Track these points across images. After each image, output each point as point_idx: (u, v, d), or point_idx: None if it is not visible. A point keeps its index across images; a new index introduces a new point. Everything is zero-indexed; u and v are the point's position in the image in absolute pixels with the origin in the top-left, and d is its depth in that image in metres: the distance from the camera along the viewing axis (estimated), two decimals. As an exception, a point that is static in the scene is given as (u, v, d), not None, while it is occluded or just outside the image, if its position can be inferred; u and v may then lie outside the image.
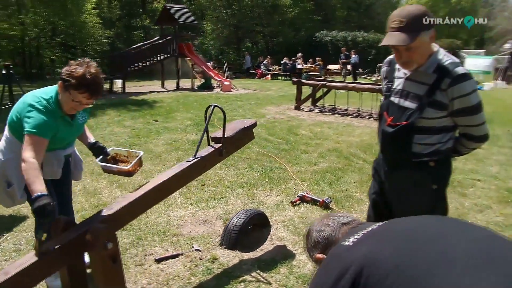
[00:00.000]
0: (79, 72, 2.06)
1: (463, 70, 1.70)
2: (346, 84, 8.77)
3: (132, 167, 2.46)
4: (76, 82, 2.05)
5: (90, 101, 2.18)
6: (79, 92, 2.08)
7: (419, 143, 1.83)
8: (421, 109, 1.78)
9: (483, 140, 1.90)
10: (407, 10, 1.70)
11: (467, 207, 3.84)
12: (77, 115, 2.36)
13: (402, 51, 1.74)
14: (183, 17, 15.63)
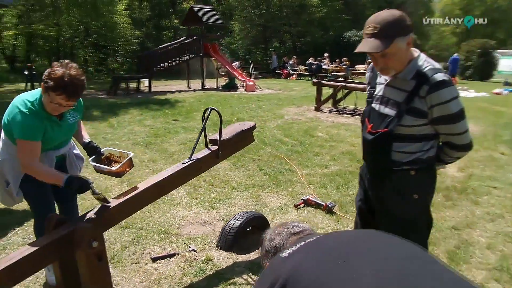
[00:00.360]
0: (58, 74, 2.06)
1: (442, 76, 1.64)
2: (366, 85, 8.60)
3: (120, 168, 2.44)
4: (54, 84, 2.06)
5: (69, 103, 2.17)
6: (57, 94, 2.09)
7: (398, 151, 1.78)
8: (399, 117, 1.73)
9: (466, 149, 1.83)
10: (381, 16, 1.66)
11: (477, 216, 3.70)
12: (67, 115, 2.37)
13: (378, 57, 1.70)
14: (209, 17, 15.80)
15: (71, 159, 2.62)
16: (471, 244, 3.17)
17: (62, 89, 2.07)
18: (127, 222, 3.50)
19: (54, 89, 2.07)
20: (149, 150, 5.91)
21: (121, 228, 3.40)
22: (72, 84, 2.08)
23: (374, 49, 1.63)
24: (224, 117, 8.32)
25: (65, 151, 2.54)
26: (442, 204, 3.94)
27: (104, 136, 6.79)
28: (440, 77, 1.63)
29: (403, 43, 1.65)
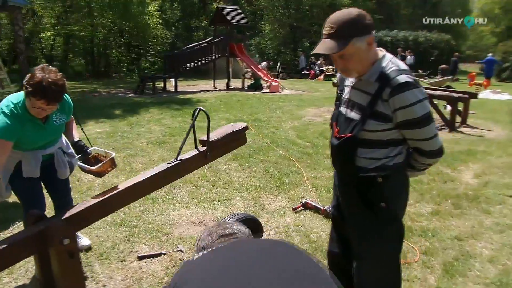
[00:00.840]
0: (37, 79, 2.10)
1: (406, 78, 1.54)
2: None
3: (101, 168, 2.49)
4: (33, 90, 2.10)
5: (50, 107, 2.21)
6: (37, 99, 2.13)
7: (363, 157, 1.69)
8: (363, 121, 1.64)
9: (435, 155, 1.71)
10: (337, 15, 1.58)
11: (485, 226, 3.49)
12: (52, 118, 2.41)
13: (337, 59, 1.62)
14: (235, 18, 15.86)
15: (59, 158, 2.65)
16: (472, 256, 2.99)
17: (42, 94, 2.12)
18: (122, 220, 3.55)
19: (34, 94, 2.13)
20: (161, 149, 5.98)
21: (116, 225, 3.45)
22: (51, 89, 2.12)
23: (329, 50, 1.55)
24: (241, 117, 8.39)
25: (52, 151, 2.58)
26: (449, 213, 3.75)
27: (121, 135, 6.94)
28: (403, 79, 1.53)
29: (362, 44, 1.56)
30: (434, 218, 3.62)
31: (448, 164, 5.23)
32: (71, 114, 2.65)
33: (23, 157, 2.43)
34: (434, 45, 22.40)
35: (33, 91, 2.11)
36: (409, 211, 3.75)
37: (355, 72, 1.66)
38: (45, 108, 2.19)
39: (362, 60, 1.61)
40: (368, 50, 1.59)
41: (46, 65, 2.23)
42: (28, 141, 2.35)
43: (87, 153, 2.61)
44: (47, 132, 2.43)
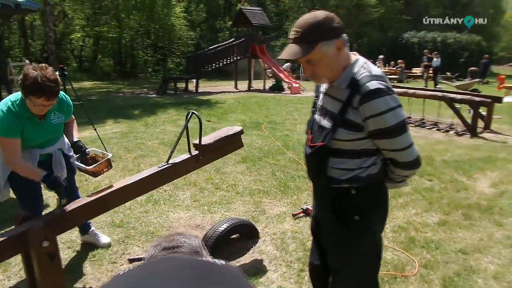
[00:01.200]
0: (31, 79, 2.15)
1: (377, 84, 1.44)
2: (406, 90, 8.10)
3: (96, 168, 2.55)
4: (30, 89, 2.16)
5: (50, 103, 2.27)
6: (37, 97, 2.19)
7: (336, 168, 1.60)
8: (334, 130, 1.56)
9: (411, 167, 1.60)
10: (303, 19, 1.49)
11: (495, 239, 3.30)
12: (50, 116, 2.46)
13: (304, 64, 1.54)
14: (258, 19, 15.86)
15: (57, 158, 2.67)
16: (476, 272, 2.82)
17: (40, 92, 2.17)
18: (121, 221, 3.57)
19: (33, 93, 2.18)
20: (171, 150, 6.00)
21: (114, 226, 3.47)
22: (47, 86, 2.18)
23: (293, 55, 1.47)
24: (257, 119, 8.36)
25: (50, 151, 2.61)
26: (457, 224, 3.57)
27: (135, 135, 7.03)
28: (374, 85, 1.44)
29: (329, 48, 1.47)
30: (440, 229, 3.45)
31: (464, 171, 5.01)
32: (71, 114, 2.69)
33: None
34: (464, 46, 21.65)
35: (31, 91, 2.16)
36: (415, 221, 3.60)
37: (325, 78, 1.58)
38: (46, 104, 2.25)
39: (331, 66, 1.52)
40: (337, 54, 1.51)
41: (36, 64, 2.29)
42: (26, 138, 2.38)
43: (85, 154, 2.66)
44: (44, 130, 2.46)
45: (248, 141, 6.50)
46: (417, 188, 4.43)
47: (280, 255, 3.02)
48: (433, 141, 6.72)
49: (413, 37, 22.97)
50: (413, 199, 4.13)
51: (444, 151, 5.97)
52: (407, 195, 4.22)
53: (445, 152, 5.90)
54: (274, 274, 2.78)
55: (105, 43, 24.31)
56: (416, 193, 4.28)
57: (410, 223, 3.56)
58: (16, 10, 5.26)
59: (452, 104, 7.29)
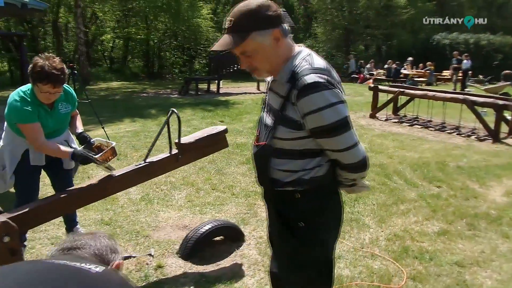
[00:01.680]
0: (39, 66, 2.30)
1: (315, 78, 1.31)
2: (426, 92, 7.76)
3: (102, 157, 2.59)
4: (38, 76, 2.31)
5: (56, 90, 2.40)
6: (43, 84, 2.32)
7: (279, 169, 1.48)
8: (275, 128, 1.44)
9: (356, 169, 1.46)
10: (236, 8, 1.38)
11: (498, 252, 3.05)
12: (58, 106, 2.58)
13: (240, 56, 1.43)
14: (281, 20, 15.71)
15: None
16: (470, 287, 2.61)
17: (47, 79, 2.31)
18: (110, 219, 3.56)
19: (40, 80, 2.32)
20: (177, 150, 5.99)
21: (102, 224, 3.46)
22: (53, 73, 2.31)
23: (223, 46, 1.37)
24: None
25: (59, 141, 2.68)
26: (459, 234, 3.33)
27: (146, 134, 7.07)
28: (311, 79, 1.31)
29: (264, 38, 1.36)
30: (439, 239, 3.23)
31: (478, 178, 4.71)
32: (76, 106, 2.80)
33: (30, 145, 2.55)
34: (497, 48, 20.66)
35: (38, 78, 2.31)
36: (413, 229, 3.39)
37: (264, 71, 1.47)
38: (52, 91, 2.38)
39: (269, 58, 1.40)
40: (275, 46, 1.39)
41: (45, 54, 2.42)
42: None
43: (90, 144, 2.72)
44: (53, 119, 2.57)
45: (256, 142, 6.40)
46: (423, 194, 4.19)
47: (261, 260, 2.90)
48: (451, 146, 6.39)
49: (444, 38, 22.16)
50: (416, 206, 3.90)
51: (460, 157, 5.65)
52: (410, 202, 4.00)
53: (461, 158, 5.59)
54: (251, 279, 2.67)
55: (134, 44, 24.86)
56: (421, 200, 4.05)
57: (407, 231, 3.35)
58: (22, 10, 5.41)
59: (473, 107, 6.92)
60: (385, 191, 4.30)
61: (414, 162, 5.34)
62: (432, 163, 5.28)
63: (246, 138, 6.72)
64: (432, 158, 5.52)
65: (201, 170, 4.98)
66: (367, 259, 2.92)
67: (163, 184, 4.49)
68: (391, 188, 4.37)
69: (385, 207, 3.86)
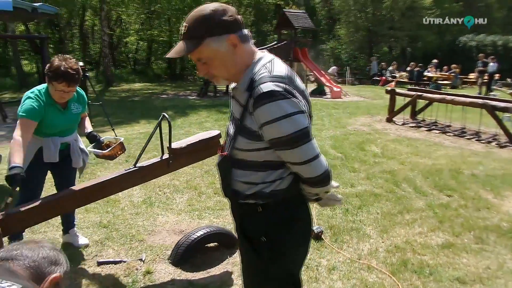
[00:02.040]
0: (55, 65, 2.42)
1: (272, 86, 1.23)
2: (444, 96, 7.48)
3: (111, 151, 2.75)
4: (53, 74, 2.43)
5: (70, 89, 2.52)
6: (58, 82, 2.44)
7: (240, 181, 1.41)
8: (235, 138, 1.38)
9: (317, 184, 1.37)
10: (192, 12, 1.32)
11: (505, 269, 2.87)
12: (71, 106, 2.71)
13: (197, 63, 1.37)
14: (300, 22, 15.60)
15: (74, 148, 2.88)
16: (469, 305, 2.46)
17: (62, 78, 2.44)
18: (109, 222, 3.57)
19: (56, 78, 2.44)
20: (186, 152, 5.99)
21: (99, 226, 3.47)
22: (68, 73, 2.43)
23: (177, 53, 1.31)
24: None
25: (69, 140, 2.83)
26: (464, 247, 3.16)
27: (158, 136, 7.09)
28: (267, 88, 1.23)
29: (219, 45, 1.29)
30: (442, 253, 3.08)
31: (492, 187, 4.48)
32: (86, 108, 2.92)
33: (43, 143, 2.67)
34: (528, 50, 19.83)
35: (54, 76, 2.43)
36: (415, 241, 3.24)
37: (222, 79, 1.40)
38: (66, 90, 2.50)
39: (226, 65, 1.34)
40: (233, 52, 1.32)
41: (62, 54, 2.56)
42: (50, 124, 2.60)
43: (100, 142, 2.83)
44: (66, 118, 2.69)
45: (266, 146, 6.34)
46: (431, 203, 4.02)
47: (253, 268, 2.83)
48: (468, 152, 6.13)
49: (471, 40, 21.45)
50: (423, 216, 3.74)
51: (476, 164, 5.41)
52: (417, 211, 3.84)
53: (477, 165, 5.35)
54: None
55: (157, 46, 25.24)
56: (428, 209, 3.88)
57: (409, 243, 3.21)
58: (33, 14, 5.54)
59: (494, 112, 6.62)
60: (392, 199, 4.15)
61: (427, 169, 5.15)
62: (445, 171, 5.07)
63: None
64: (446, 165, 5.30)
65: (206, 173, 4.96)
66: (362, 272, 2.81)
67: (167, 187, 4.49)
68: (398, 196, 4.21)
69: (389, 216, 3.72)
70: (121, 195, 4.23)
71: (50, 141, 2.68)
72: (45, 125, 2.60)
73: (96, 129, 6.00)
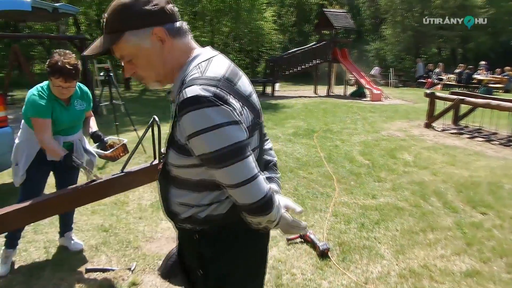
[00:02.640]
0: (53, 61, 2.41)
1: (197, 91, 0.99)
2: (489, 101, 6.82)
3: (113, 153, 2.71)
4: (51, 69, 2.42)
5: (68, 85, 2.49)
6: (55, 78, 2.43)
7: (177, 202, 1.19)
8: (167, 151, 1.16)
9: (254, 212, 1.09)
10: (113, 2, 1.11)
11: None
12: (74, 102, 2.67)
13: (122, 61, 1.16)
14: (341, 21, 15.12)
15: (77, 148, 2.82)
16: None
17: (58, 73, 2.43)
18: (110, 225, 3.48)
19: (53, 74, 2.44)
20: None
21: (100, 230, 3.39)
22: (65, 68, 2.42)
23: (92, 50, 1.11)
24: (313, 127, 7.81)
25: (73, 139, 2.78)
26: (492, 277, 2.75)
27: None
28: (192, 92, 1.00)
29: (142, 40, 1.07)
30: (465, 282, 2.69)
31: (537, 206, 3.96)
32: (91, 105, 2.87)
33: None
34: None
35: (51, 71, 2.43)
36: (435, 266, 2.87)
37: (151, 81, 1.18)
38: (64, 85, 2.48)
39: (153, 64, 1.12)
40: (161, 49, 1.10)
41: (63, 50, 2.52)
42: (54, 121, 2.56)
43: (104, 142, 2.80)
44: (69, 114, 2.65)
45: (290, 150, 6.08)
46: (461, 222, 3.60)
47: (245, 286, 2.61)
48: (509, 162, 5.53)
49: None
50: (449, 236, 3.34)
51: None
52: (443, 230, 3.44)
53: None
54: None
55: (200, 46, 25.57)
56: (456, 229, 3.47)
57: (427, 268, 2.84)
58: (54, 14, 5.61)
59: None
60: (416, 214, 3.76)
61: (461, 182, 4.66)
62: (483, 184, 4.57)
63: (281, 145, 6.41)
64: (485, 178, 4.78)
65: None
66: (367, 298, 2.50)
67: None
68: (423, 212, 3.81)
69: (409, 234, 3.35)
70: (131, 197, 4.15)
71: None
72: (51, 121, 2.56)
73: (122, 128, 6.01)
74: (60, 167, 2.80)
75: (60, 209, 2.44)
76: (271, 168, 1.44)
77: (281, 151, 5.99)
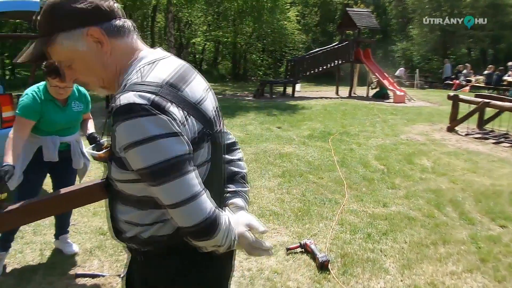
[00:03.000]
0: (49, 61, 2.31)
1: (132, 98, 0.87)
2: None
3: (106, 154, 2.63)
4: (47, 69, 2.43)
5: (65, 85, 2.49)
6: (52, 78, 2.45)
7: (121, 219, 1.08)
8: (108, 165, 1.05)
9: (196, 236, 0.96)
10: None
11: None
12: (71, 103, 2.67)
13: (62, 67, 1.05)
14: (364, 21, 14.78)
15: (75, 149, 2.80)
16: None
17: (54, 73, 2.42)
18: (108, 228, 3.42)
19: (49, 74, 2.45)
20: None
21: (97, 233, 3.34)
22: None
23: (24, 57, 1.00)
24: (330, 129, 7.61)
25: (70, 140, 2.76)
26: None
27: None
28: (126, 99, 0.88)
29: (76, 42, 0.95)
30: (475, 302, 2.48)
31: None
32: (89, 106, 2.86)
33: (43, 142, 2.63)
34: None
35: (48, 71, 2.43)
36: (444, 283, 2.66)
37: (96, 86, 1.06)
38: (61, 86, 2.49)
39: (92, 68, 1.00)
40: (98, 51, 0.98)
41: None
42: (48, 121, 2.56)
43: (100, 144, 2.72)
44: (65, 115, 2.64)
45: (302, 153, 5.91)
46: (477, 235, 3.35)
47: (236, 298, 2.49)
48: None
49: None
50: (462, 250, 3.11)
51: (547, 188, 4.51)
52: (456, 244, 3.21)
53: (548, 189, 4.46)
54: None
55: (221, 47, 25.62)
56: (471, 242, 3.23)
57: (434, 286, 2.64)
58: None
59: None
60: (428, 225, 3.53)
61: (481, 190, 4.38)
62: (505, 194, 4.28)
63: (294, 148, 6.25)
64: (508, 187, 4.48)
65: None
66: (365, 317, 2.33)
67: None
68: (437, 223, 3.58)
69: (418, 247, 3.14)
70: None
71: (50, 140, 2.64)
72: (44, 122, 2.56)
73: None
74: (57, 168, 2.81)
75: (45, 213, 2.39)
76: (237, 181, 1.30)
77: (293, 154, 5.83)
